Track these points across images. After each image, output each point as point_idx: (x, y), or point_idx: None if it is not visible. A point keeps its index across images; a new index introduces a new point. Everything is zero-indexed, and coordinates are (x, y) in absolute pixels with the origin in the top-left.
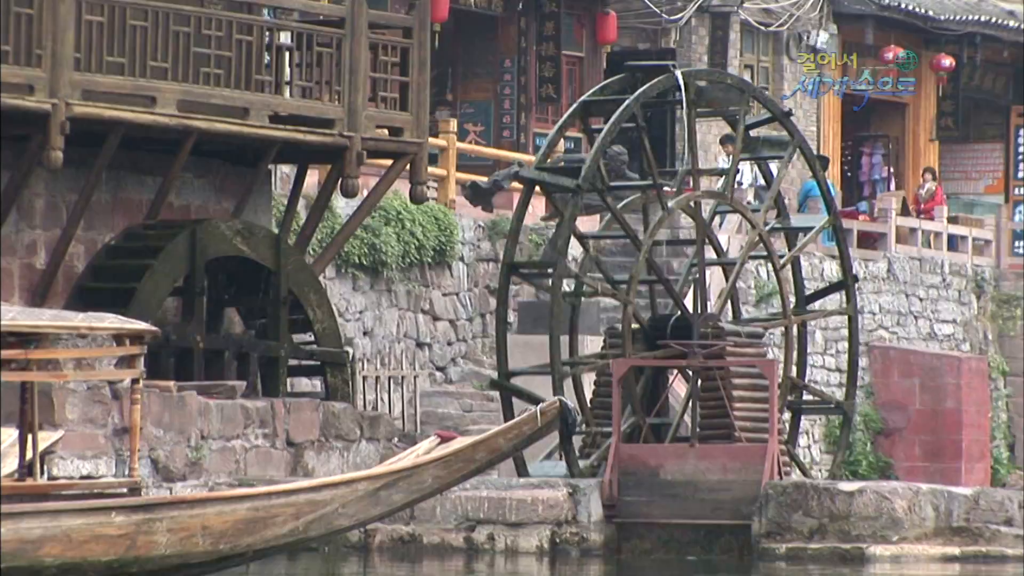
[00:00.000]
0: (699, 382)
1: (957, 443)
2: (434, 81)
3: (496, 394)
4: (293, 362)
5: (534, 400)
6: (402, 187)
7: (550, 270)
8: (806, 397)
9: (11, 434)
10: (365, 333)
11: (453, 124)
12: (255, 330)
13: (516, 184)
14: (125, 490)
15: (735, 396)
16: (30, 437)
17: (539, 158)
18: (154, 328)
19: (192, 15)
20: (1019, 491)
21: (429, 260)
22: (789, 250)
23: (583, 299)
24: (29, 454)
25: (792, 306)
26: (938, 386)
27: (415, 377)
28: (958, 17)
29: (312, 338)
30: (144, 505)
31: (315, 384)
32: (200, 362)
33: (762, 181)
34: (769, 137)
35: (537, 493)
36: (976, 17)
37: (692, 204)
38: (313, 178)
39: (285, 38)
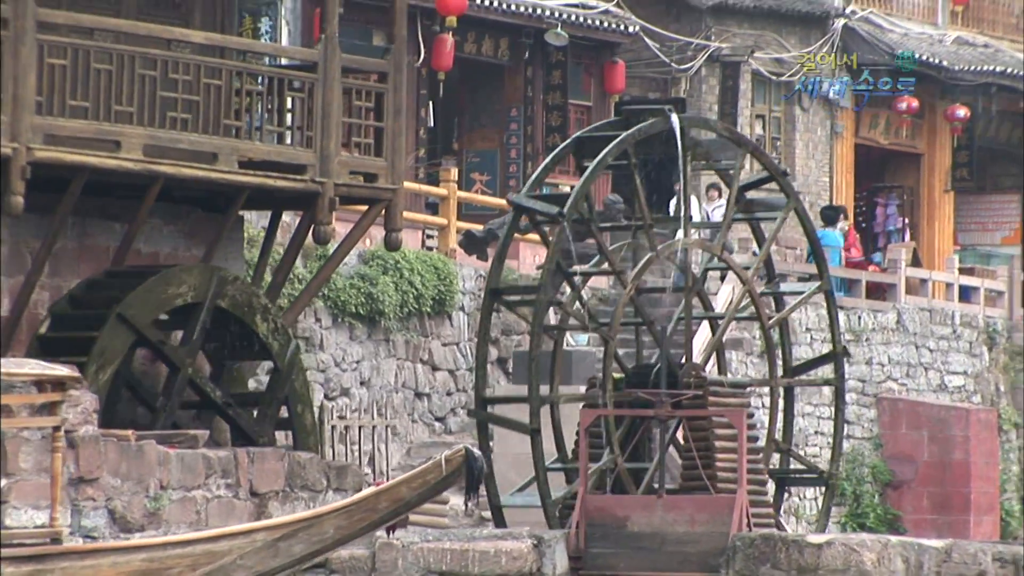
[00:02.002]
0: (667, 432)
1: (965, 495)
2: (440, 130)
3: None
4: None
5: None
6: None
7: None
8: (792, 465)
9: None
10: (362, 383)
11: (454, 173)
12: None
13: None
14: (47, 540)
15: (717, 447)
16: None
17: (527, 187)
18: (76, 374)
19: (159, 59)
20: (992, 544)
21: (428, 310)
22: (778, 310)
23: (576, 347)
24: None
25: (780, 372)
26: (946, 438)
27: (387, 427)
28: (973, 68)
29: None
30: (35, 556)
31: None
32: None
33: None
34: (765, 200)
35: (501, 544)
36: (991, 67)
37: (681, 250)
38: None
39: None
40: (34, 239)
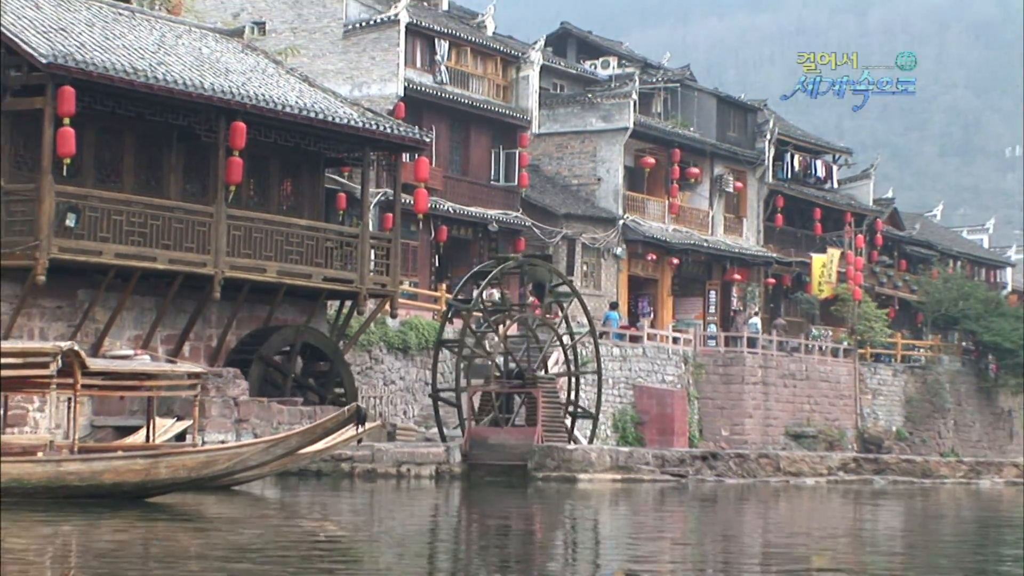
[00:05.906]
0: (513, 399)
1: (672, 428)
2: (440, 268)
3: None
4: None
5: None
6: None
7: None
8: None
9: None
10: (401, 379)
11: (444, 288)
12: (314, 377)
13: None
14: (188, 447)
15: (540, 407)
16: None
17: (454, 296)
18: (205, 370)
19: (286, 232)
20: (652, 450)
21: (430, 346)
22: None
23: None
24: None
25: (573, 364)
26: (664, 403)
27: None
28: (680, 242)
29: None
30: (155, 454)
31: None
32: (289, 390)
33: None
34: (560, 290)
35: (430, 449)
36: (688, 242)
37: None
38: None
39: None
40: (226, 313)
